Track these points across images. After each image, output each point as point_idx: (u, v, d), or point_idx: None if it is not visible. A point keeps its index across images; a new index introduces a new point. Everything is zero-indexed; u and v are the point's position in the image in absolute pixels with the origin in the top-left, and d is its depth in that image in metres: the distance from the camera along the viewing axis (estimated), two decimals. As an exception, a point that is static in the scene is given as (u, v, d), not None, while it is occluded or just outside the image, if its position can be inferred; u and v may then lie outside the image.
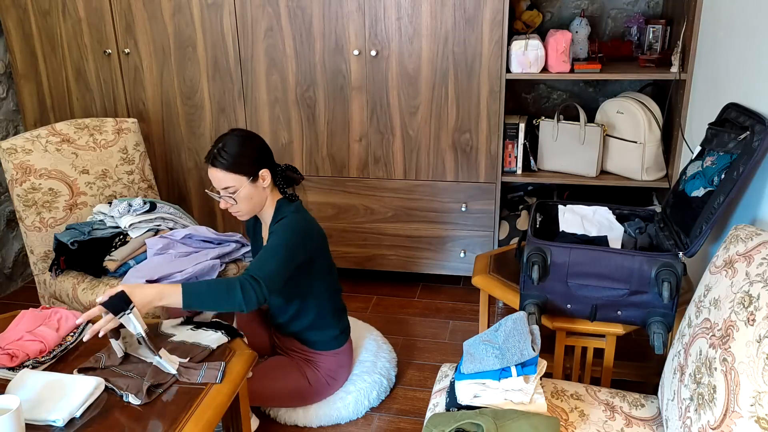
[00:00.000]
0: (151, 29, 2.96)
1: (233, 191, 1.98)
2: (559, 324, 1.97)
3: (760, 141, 1.67)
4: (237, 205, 2.01)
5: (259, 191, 2.02)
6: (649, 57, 2.74)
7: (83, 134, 2.69)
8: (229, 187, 1.97)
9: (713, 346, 1.36)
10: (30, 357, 1.73)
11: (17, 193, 2.50)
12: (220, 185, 1.98)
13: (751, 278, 1.34)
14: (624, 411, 1.68)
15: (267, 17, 2.84)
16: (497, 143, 2.82)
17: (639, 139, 2.67)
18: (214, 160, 1.96)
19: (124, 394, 1.61)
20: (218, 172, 1.96)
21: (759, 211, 1.75)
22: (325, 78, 2.87)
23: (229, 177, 1.96)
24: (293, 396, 2.19)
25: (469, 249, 3.00)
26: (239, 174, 1.96)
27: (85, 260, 2.41)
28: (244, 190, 1.98)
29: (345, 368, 2.29)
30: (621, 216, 2.17)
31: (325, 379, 2.22)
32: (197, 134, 3.09)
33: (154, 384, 1.64)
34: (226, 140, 1.98)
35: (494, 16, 2.65)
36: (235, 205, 2.00)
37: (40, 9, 3.04)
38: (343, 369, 2.28)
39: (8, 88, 3.24)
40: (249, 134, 2.05)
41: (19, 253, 3.34)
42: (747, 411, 1.22)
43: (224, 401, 1.62)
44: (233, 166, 1.95)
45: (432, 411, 1.72)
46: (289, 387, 2.17)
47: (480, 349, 1.66)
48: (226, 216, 3.20)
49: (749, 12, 1.95)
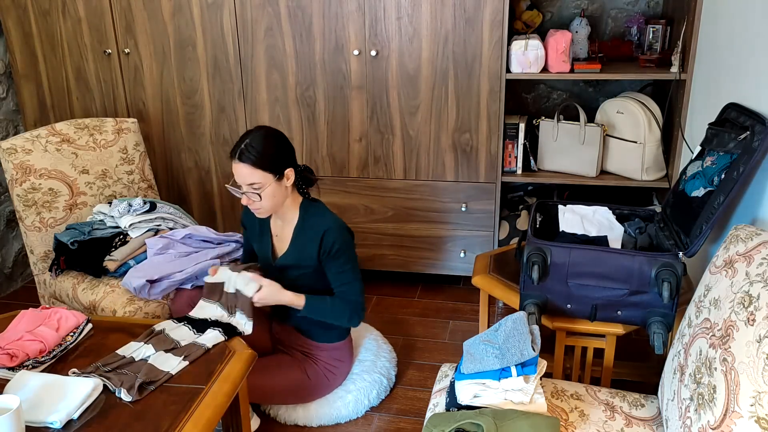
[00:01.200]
0: (151, 29, 2.96)
1: (258, 188, 1.97)
2: (559, 324, 1.97)
3: (760, 141, 1.67)
4: (260, 202, 2.00)
5: (282, 190, 2.03)
6: (649, 57, 2.74)
7: (83, 134, 2.69)
8: (255, 183, 1.97)
9: (713, 346, 1.36)
10: (30, 357, 1.73)
11: (17, 193, 2.49)
12: (245, 181, 1.97)
13: (751, 278, 1.34)
14: (624, 411, 1.68)
15: (267, 17, 2.84)
16: (497, 143, 2.82)
17: (639, 139, 2.67)
18: (241, 155, 1.95)
19: (117, 389, 1.62)
20: (244, 168, 1.95)
21: (759, 211, 1.75)
22: (325, 78, 2.87)
23: (256, 173, 1.95)
24: (292, 391, 2.19)
25: (469, 249, 3.00)
26: (266, 171, 1.96)
27: (85, 260, 2.41)
28: (269, 187, 1.98)
29: (344, 363, 2.29)
30: (621, 216, 2.17)
31: (324, 374, 2.22)
32: (197, 134, 3.09)
33: (146, 381, 1.65)
34: (253, 136, 1.98)
35: (494, 16, 2.65)
36: (258, 201, 2.00)
37: (40, 9, 3.04)
38: (343, 364, 2.28)
39: (8, 88, 3.24)
40: (276, 132, 2.05)
41: (19, 253, 3.34)
42: (747, 411, 1.22)
43: (224, 401, 1.62)
44: (260, 162, 1.95)
45: (432, 411, 1.72)
46: (288, 382, 2.17)
47: (480, 349, 1.66)
48: (226, 216, 3.20)
49: (749, 12, 1.95)
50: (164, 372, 1.70)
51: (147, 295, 2.25)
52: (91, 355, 1.80)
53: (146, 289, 2.25)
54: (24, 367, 1.70)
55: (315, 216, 2.10)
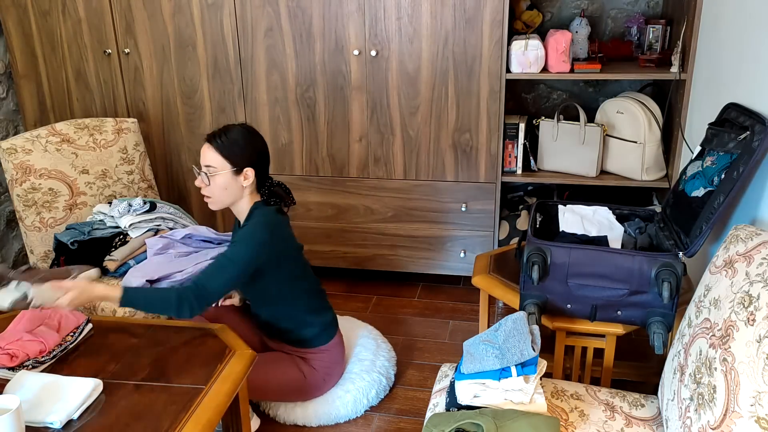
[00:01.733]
0: (151, 29, 2.96)
1: (212, 172, 2.02)
2: (559, 324, 1.97)
3: (760, 141, 1.67)
4: (209, 188, 2.04)
5: (236, 186, 2.04)
6: (649, 57, 2.74)
7: (83, 134, 2.69)
8: (211, 166, 2.01)
9: (713, 346, 1.36)
10: (30, 357, 1.73)
11: (17, 193, 2.49)
12: (204, 161, 2.03)
13: (751, 278, 1.34)
14: (624, 411, 1.68)
15: (267, 17, 2.84)
16: (497, 143, 2.82)
17: (639, 139, 2.67)
18: (211, 138, 2.03)
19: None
20: (209, 150, 2.01)
21: (759, 211, 1.75)
22: (325, 78, 2.87)
23: (216, 158, 2.00)
24: (289, 388, 2.19)
25: (469, 249, 3.00)
26: (225, 159, 2.00)
27: (85, 260, 2.41)
28: (222, 176, 2.01)
29: (337, 364, 2.29)
30: (621, 216, 2.17)
31: (320, 372, 2.22)
32: (197, 134, 3.09)
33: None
34: (232, 128, 2.05)
35: (494, 16, 2.65)
36: (208, 187, 2.04)
37: (40, 9, 3.03)
38: (336, 365, 2.28)
39: (8, 88, 3.23)
40: (254, 133, 2.08)
41: (19, 253, 3.34)
42: (747, 411, 1.22)
43: (224, 401, 1.62)
44: (223, 149, 2.01)
45: (432, 411, 1.72)
46: (285, 378, 2.17)
47: (480, 349, 1.66)
48: (227, 216, 3.20)
49: (749, 12, 1.95)
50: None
51: (147, 295, 2.25)
52: (91, 355, 1.80)
53: (146, 289, 2.25)
54: (24, 367, 1.70)
55: (255, 218, 2.06)
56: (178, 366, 1.75)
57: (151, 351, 1.83)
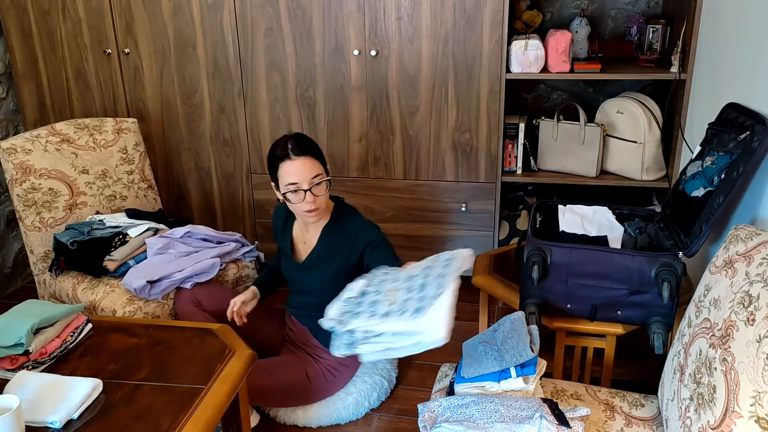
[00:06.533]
0: (151, 29, 2.96)
1: (320, 180, 1.99)
2: (559, 324, 1.97)
3: (760, 141, 1.67)
4: (320, 198, 2.00)
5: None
6: (649, 57, 2.74)
7: (83, 134, 2.69)
8: (320, 174, 1.99)
9: (713, 346, 1.36)
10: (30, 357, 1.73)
11: (17, 193, 2.49)
12: (312, 173, 1.97)
13: (751, 278, 1.34)
14: (624, 411, 1.68)
15: (267, 17, 2.84)
16: (497, 143, 2.82)
17: (639, 139, 2.67)
18: (304, 150, 1.97)
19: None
20: (309, 161, 1.97)
21: (759, 211, 1.75)
22: (325, 78, 2.87)
23: (319, 166, 2.00)
24: (291, 391, 2.19)
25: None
26: (323, 165, 2.01)
27: (84, 260, 2.41)
28: (326, 183, 2.02)
29: (347, 368, 2.29)
30: (621, 216, 2.17)
31: (324, 375, 2.22)
32: (197, 134, 3.09)
33: None
34: (299, 137, 2.02)
35: (494, 16, 2.65)
36: (318, 198, 1.99)
37: (40, 9, 3.03)
38: (345, 368, 2.28)
39: (8, 88, 3.23)
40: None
41: (19, 253, 3.34)
42: (747, 411, 1.22)
43: (224, 401, 1.62)
44: (320, 156, 2.01)
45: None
46: (288, 381, 2.17)
47: (479, 350, 1.66)
48: (226, 216, 3.19)
49: (749, 12, 1.95)
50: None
51: (147, 295, 2.25)
52: (91, 355, 1.80)
53: (146, 289, 2.25)
54: (24, 368, 1.70)
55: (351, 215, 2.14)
56: (178, 366, 1.75)
57: (151, 351, 1.82)
